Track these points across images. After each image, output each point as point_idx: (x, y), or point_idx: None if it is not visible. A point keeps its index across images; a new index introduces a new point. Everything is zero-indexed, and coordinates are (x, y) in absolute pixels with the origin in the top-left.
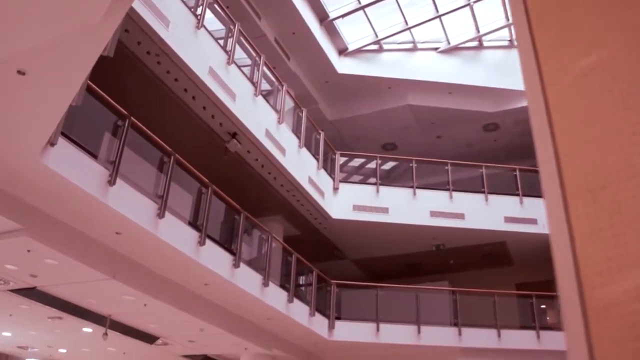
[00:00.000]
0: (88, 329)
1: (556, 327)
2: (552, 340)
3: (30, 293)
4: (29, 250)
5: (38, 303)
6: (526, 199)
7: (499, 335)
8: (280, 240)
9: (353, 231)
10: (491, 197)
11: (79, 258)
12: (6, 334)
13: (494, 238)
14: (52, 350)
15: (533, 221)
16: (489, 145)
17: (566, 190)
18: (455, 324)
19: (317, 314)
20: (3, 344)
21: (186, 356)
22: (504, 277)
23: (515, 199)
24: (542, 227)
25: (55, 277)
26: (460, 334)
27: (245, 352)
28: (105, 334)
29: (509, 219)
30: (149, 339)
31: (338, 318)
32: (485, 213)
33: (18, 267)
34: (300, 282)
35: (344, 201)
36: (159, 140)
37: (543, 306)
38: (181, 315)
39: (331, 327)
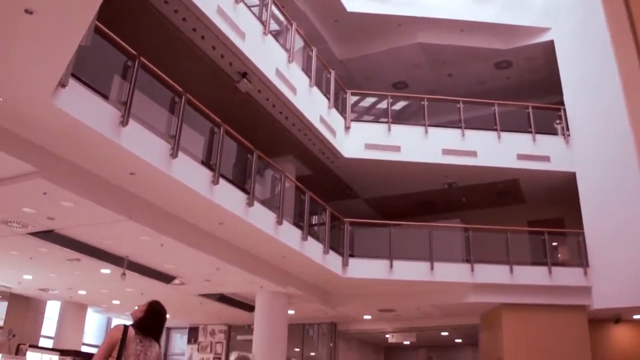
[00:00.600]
0: (106, 270)
1: (567, 263)
2: (563, 276)
3: (48, 236)
4: (44, 193)
5: (56, 245)
6: (539, 136)
7: (511, 272)
8: (293, 179)
9: (365, 170)
10: (504, 134)
11: (95, 199)
12: (27, 277)
13: (506, 175)
14: (72, 292)
15: (546, 158)
16: (501, 82)
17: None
18: (468, 261)
19: (330, 252)
20: (25, 287)
21: (203, 295)
22: (516, 214)
23: (528, 136)
24: (554, 165)
25: (71, 219)
26: (472, 270)
27: (261, 290)
28: (123, 274)
29: (521, 157)
30: (166, 278)
31: (351, 256)
32: (497, 151)
33: (35, 210)
34: (314, 222)
35: (356, 140)
36: (169, 80)
37: (555, 243)
38: (197, 254)
39: (345, 264)
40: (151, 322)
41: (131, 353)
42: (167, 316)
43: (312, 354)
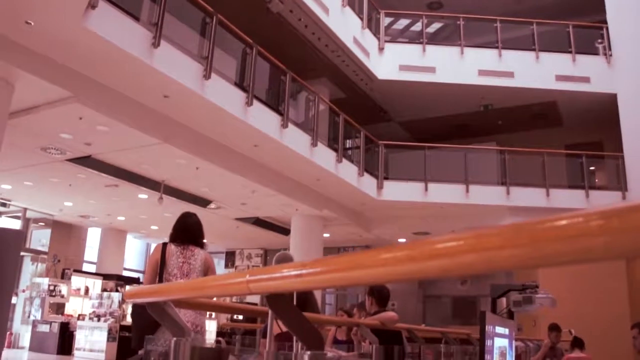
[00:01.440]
0: (143, 195)
1: (605, 187)
2: (600, 200)
3: (86, 162)
4: (80, 118)
5: (94, 171)
6: (579, 57)
7: (548, 195)
8: (327, 100)
9: (399, 92)
10: (542, 54)
11: (129, 123)
12: (68, 203)
13: (544, 97)
14: (111, 218)
15: (586, 79)
16: (540, 0)
17: None
18: (504, 183)
19: (365, 174)
20: (66, 214)
21: (239, 219)
22: (553, 137)
23: (568, 56)
24: (595, 86)
25: (108, 144)
26: (508, 193)
27: (296, 213)
28: (161, 198)
29: (560, 78)
30: (202, 202)
31: (386, 178)
32: (535, 71)
33: (72, 136)
34: (348, 145)
35: (390, 61)
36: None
37: (592, 167)
38: (232, 177)
39: (380, 186)
40: (181, 230)
41: (174, 267)
42: (206, 241)
43: None
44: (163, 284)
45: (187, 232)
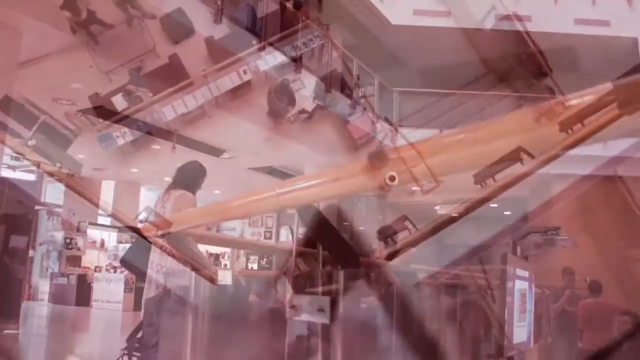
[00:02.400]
0: (156, 145)
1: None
2: (619, 145)
3: (97, 112)
4: (91, 66)
5: (106, 122)
6: None
7: None
8: (340, 46)
9: (413, 38)
10: None
11: (141, 70)
12: (81, 156)
13: (562, 42)
14: (124, 171)
15: (605, 23)
16: None
17: None
18: None
19: (379, 122)
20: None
21: (252, 168)
22: (571, 84)
23: None
24: (615, 30)
25: None
26: None
27: (310, 162)
28: (173, 147)
29: (579, 21)
30: (215, 152)
31: (400, 126)
32: (553, 15)
33: (83, 85)
34: (361, 93)
35: (404, 5)
36: None
37: None
38: (245, 125)
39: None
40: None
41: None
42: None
43: (361, 228)
44: (185, 211)
45: (174, 179)
